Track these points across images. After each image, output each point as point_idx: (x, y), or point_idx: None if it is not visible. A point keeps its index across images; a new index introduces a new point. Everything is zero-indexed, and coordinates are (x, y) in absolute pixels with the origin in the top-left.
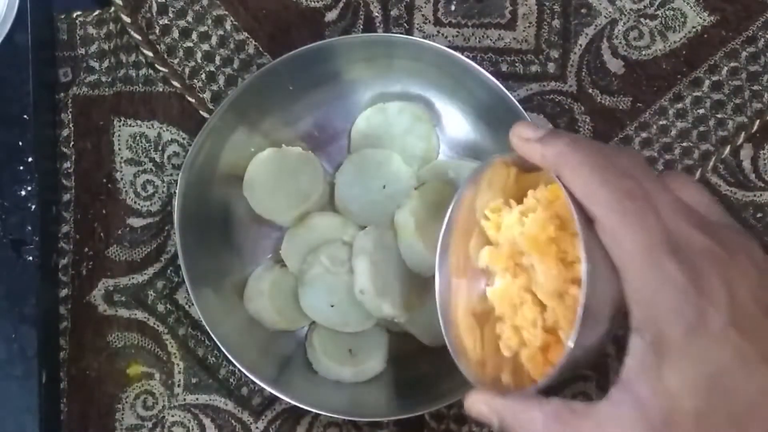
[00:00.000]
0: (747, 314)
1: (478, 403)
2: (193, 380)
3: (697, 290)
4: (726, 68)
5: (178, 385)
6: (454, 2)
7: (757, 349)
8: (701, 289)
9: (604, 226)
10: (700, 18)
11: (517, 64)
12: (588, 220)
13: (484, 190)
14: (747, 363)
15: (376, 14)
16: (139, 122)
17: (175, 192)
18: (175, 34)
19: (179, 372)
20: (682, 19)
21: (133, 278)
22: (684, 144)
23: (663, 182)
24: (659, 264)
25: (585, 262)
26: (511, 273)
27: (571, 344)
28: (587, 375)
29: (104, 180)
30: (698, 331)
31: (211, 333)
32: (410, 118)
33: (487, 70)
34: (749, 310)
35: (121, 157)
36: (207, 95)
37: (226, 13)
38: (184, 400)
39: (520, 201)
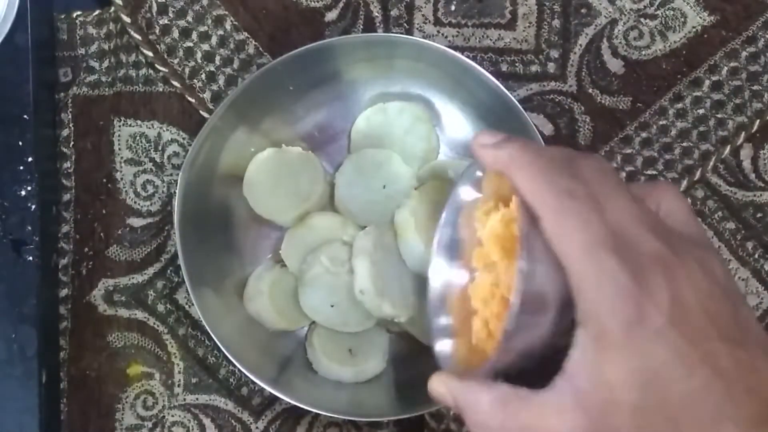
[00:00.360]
0: (691, 318)
1: (438, 384)
2: (193, 380)
3: (639, 287)
4: (726, 68)
5: (178, 385)
6: (454, 2)
7: (698, 351)
8: (643, 287)
9: (545, 224)
10: (700, 18)
11: (517, 64)
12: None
13: (484, 192)
14: (685, 363)
15: (376, 14)
16: (139, 122)
17: (175, 192)
18: (175, 34)
19: (179, 372)
20: (682, 19)
21: (133, 278)
22: (684, 144)
23: (625, 189)
24: (599, 261)
25: (521, 259)
26: (488, 270)
27: (508, 328)
28: None
29: (104, 180)
30: (637, 327)
31: (211, 333)
32: (410, 118)
33: (487, 70)
34: (694, 315)
35: (121, 157)
36: (207, 95)
37: (226, 13)
38: (184, 400)
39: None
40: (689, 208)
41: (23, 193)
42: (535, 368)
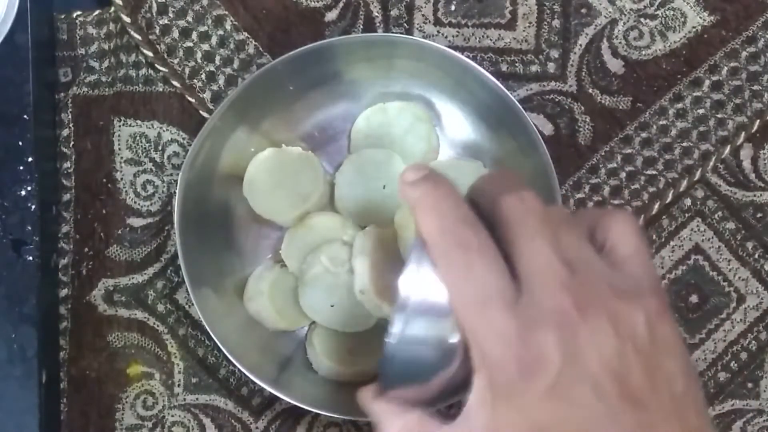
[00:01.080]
0: (590, 377)
1: (361, 397)
2: (193, 380)
3: (525, 347)
4: (726, 68)
5: (178, 385)
6: (454, 2)
7: (596, 412)
8: (530, 346)
9: (439, 273)
10: (700, 18)
11: (517, 64)
12: None
13: None
14: (580, 422)
15: (376, 14)
16: (139, 122)
17: (175, 192)
18: (175, 34)
19: (179, 372)
20: (682, 19)
21: (133, 278)
22: (684, 144)
23: (547, 230)
24: (487, 316)
25: (400, 299)
26: None
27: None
28: None
29: (104, 180)
30: (523, 385)
31: (211, 333)
32: (410, 118)
33: (487, 70)
34: (595, 374)
35: (121, 157)
36: (207, 95)
37: (226, 13)
38: (184, 400)
39: None
40: (637, 242)
41: (23, 193)
42: None
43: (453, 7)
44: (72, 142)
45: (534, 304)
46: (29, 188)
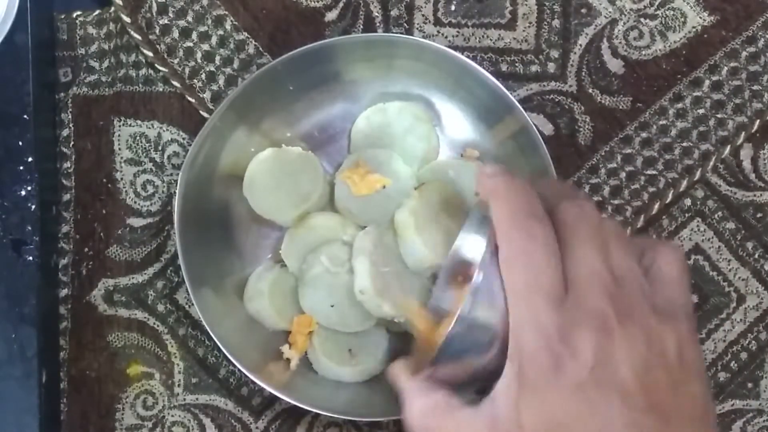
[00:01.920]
0: (620, 383)
1: (392, 370)
2: (193, 380)
3: (562, 341)
4: (726, 68)
5: (178, 385)
6: (454, 2)
7: (622, 417)
8: (567, 342)
9: (501, 255)
10: (700, 18)
11: (517, 64)
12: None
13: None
14: (604, 424)
15: (376, 14)
16: (139, 122)
17: (175, 192)
18: (175, 34)
19: (179, 372)
20: (682, 19)
21: (133, 278)
22: (684, 144)
23: (598, 240)
24: (532, 305)
25: (473, 281)
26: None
27: (444, 336)
28: None
29: (104, 180)
30: (552, 377)
31: (211, 333)
32: (410, 118)
33: (487, 70)
34: (625, 381)
35: (121, 157)
36: (207, 95)
37: (226, 13)
38: (184, 400)
39: None
40: (680, 271)
41: (23, 193)
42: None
43: (453, 7)
44: (72, 142)
45: (578, 305)
46: (29, 188)
